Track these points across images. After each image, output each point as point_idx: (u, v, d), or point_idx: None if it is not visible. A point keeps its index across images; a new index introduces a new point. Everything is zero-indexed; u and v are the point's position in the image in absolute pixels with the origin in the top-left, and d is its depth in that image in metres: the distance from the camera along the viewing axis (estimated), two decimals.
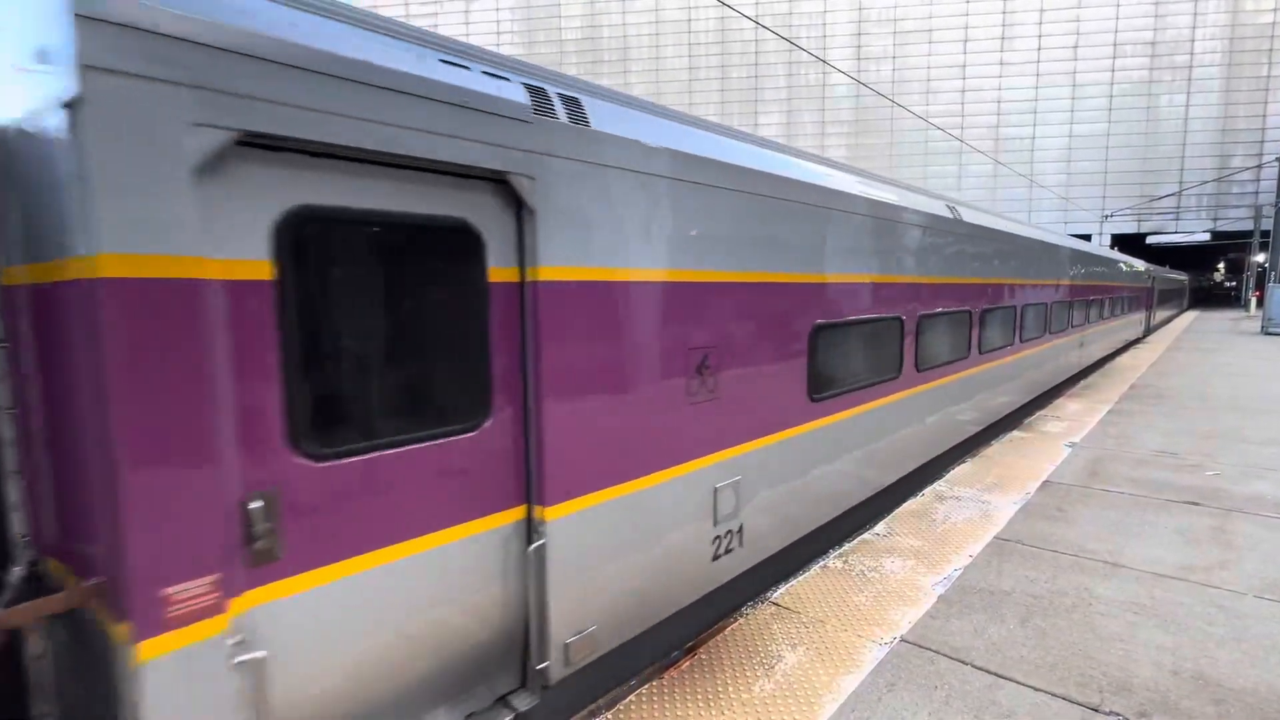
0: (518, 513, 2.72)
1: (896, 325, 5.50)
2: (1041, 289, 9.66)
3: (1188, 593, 4.16)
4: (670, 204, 3.22)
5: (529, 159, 2.55)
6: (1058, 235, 11.54)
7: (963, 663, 3.41)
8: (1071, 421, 9.30)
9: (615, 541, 3.02)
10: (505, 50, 48.10)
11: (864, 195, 4.88)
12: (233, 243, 1.92)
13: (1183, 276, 44.68)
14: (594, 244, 2.84)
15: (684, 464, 3.36)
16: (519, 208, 2.62)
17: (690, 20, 48.61)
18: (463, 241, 2.47)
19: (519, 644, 2.78)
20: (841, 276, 4.60)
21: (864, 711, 3.02)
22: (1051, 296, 10.28)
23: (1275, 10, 42.03)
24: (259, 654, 1.96)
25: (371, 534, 2.25)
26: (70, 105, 1.62)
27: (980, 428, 8.10)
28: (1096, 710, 3.02)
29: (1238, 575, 4.38)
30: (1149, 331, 25.17)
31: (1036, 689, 3.19)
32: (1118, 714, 2.99)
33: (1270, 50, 42.23)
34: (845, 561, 4.65)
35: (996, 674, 3.32)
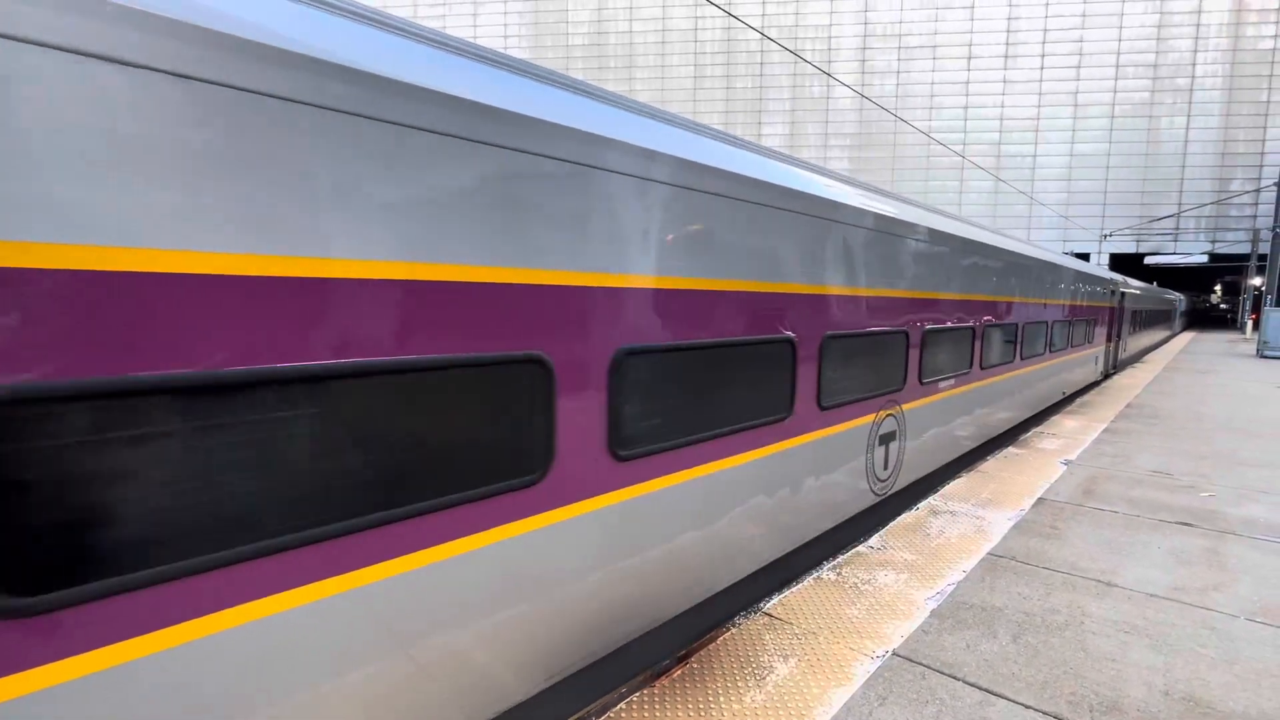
0: None
1: None
2: (829, 307, 4.65)
3: (1180, 614, 4.16)
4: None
5: None
6: (906, 206, 6.10)
7: (954, 678, 3.41)
8: (1067, 439, 9.32)
9: None
10: (512, 54, 48.29)
11: None
12: None
13: (1173, 295, 38.88)
14: None
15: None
16: None
17: (696, 29, 48.93)
18: None
19: None
20: None
21: None
22: (865, 320, 5.11)
23: (1275, 36, 42.46)
24: None
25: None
26: None
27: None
28: None
29: (1231, 598, 4.39)
30: (1116, 369, 18.58)
31: (1027, 706, 3.18)
32: None
33: (1270, 75, 42.65)
34: (839, 573, 4.64)
35: (988, 690, 3.31)
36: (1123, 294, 18.05)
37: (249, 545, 1.93)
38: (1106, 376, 17.27)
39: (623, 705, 3.12)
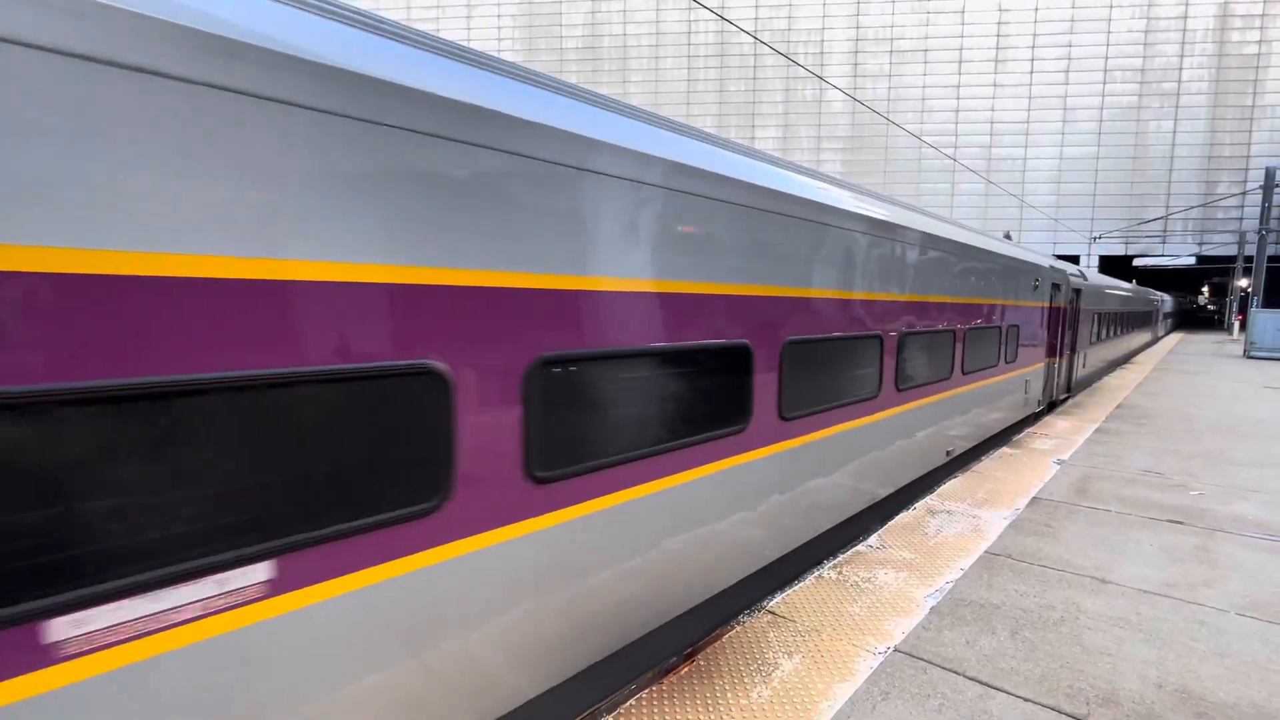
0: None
1: None
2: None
3: (1172, 609, 4.26)
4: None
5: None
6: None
7: (955, 673, 3.49)
8: (1060, 439, 9.46)
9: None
10: (505, 56, 48.57)
11: None
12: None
13: (1155, 295, 34.08)
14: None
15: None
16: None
17: (690, 33, 49.12)
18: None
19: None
20: None
21: (860, 718, 3.09)
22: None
23: (1260, 42, 43.09)
24: None
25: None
26: None
27: None
28: None
29: (1220, 593, 4.50)
30: (1071, 392, 14.10)
31: (1026, 699, 3.27)
32: None
33: (1255, 80, 43.27)
34: (839, 572, 4.72)
35: (988, 684, 3.40)
36: (1077, 291, 13.43)
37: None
38: (1052, 406, 12.66)
39: (632, 701, 3.19)
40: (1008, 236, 12.24)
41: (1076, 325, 13.76)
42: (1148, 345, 32.01)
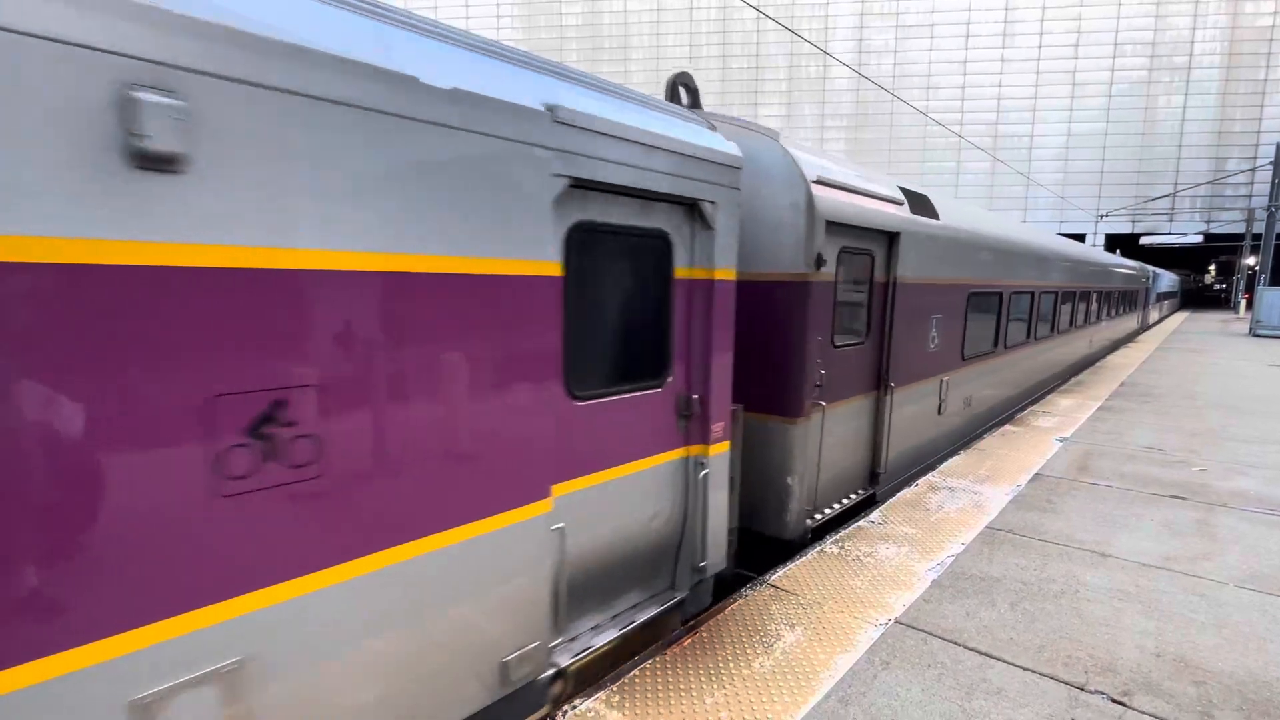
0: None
1: None
2: None
3: (1171, 582, 4.30)
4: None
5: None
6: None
7: (955, 643, 3.54)
8: (1063, 417, 9.46)
9: None
10: (504, 37, 47.84)
11: None
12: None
13: (1144, 269, 25.82)
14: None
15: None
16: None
17: (692, 9, 48.25)
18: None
19: None
20: None
21: (860, 687, 3.14)
22: None
23: (1274, 14, 42.17)
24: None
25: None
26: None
27: None
28: (1082, 689, 3.15)
29: (1220, 566, 4.53)
30: (877, 481, 5.88)
31: (1025, 669, 3.31)
32: (1102, 692, 3.12)
33: (1269, 54, 42.40)
34: (841, 547, 4.77)
35: (987, 654, 3.44)
36: (890, 237, 5.55)
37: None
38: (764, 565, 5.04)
39: (636, 672, 3.24)
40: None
41: (888, 325, 5.80)
42: (1130, 338, 23.42)
